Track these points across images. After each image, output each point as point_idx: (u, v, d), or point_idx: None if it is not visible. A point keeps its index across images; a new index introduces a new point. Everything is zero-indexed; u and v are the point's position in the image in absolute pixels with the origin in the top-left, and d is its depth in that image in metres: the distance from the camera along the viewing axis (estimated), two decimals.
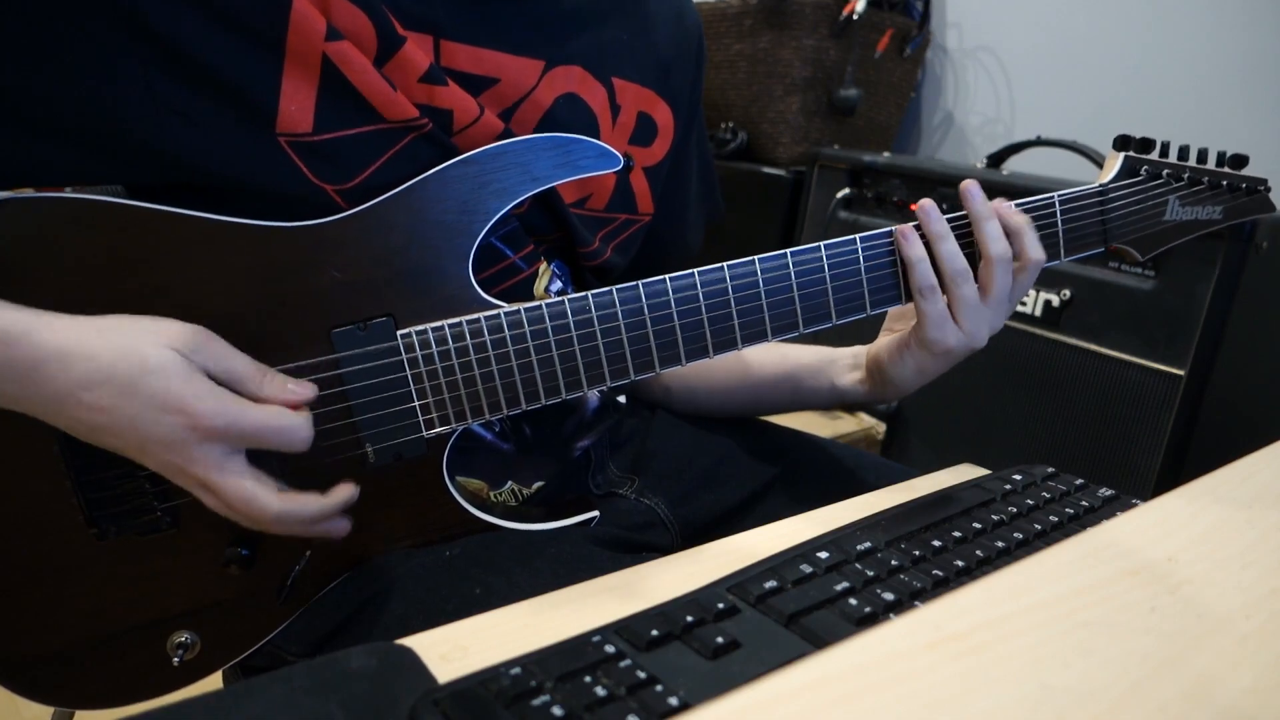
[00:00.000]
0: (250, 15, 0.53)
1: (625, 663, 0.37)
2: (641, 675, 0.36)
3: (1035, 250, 0.64)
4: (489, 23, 0.61)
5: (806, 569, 0.45)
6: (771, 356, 0.78)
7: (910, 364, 0.66)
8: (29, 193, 0.53)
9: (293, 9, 0.53)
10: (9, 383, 0.47)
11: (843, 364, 0.75)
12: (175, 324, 0.51)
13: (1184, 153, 0.71)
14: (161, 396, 0.48)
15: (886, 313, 0.70)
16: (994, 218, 0.63)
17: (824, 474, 0.76)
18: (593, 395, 0.76)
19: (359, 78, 0.56)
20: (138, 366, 0.48)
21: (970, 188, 0.63)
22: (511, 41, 0.62)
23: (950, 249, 0.63)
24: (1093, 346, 1.28)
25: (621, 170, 0.64)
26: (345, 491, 0.56)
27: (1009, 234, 0.64)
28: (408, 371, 0.57)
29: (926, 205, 0.63)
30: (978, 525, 0.52)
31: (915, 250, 0.62)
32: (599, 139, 0.61)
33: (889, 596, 0.44)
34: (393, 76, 0.57)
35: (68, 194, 0.53)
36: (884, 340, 0.70)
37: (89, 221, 0.53)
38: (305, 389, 0.54)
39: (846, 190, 1.61)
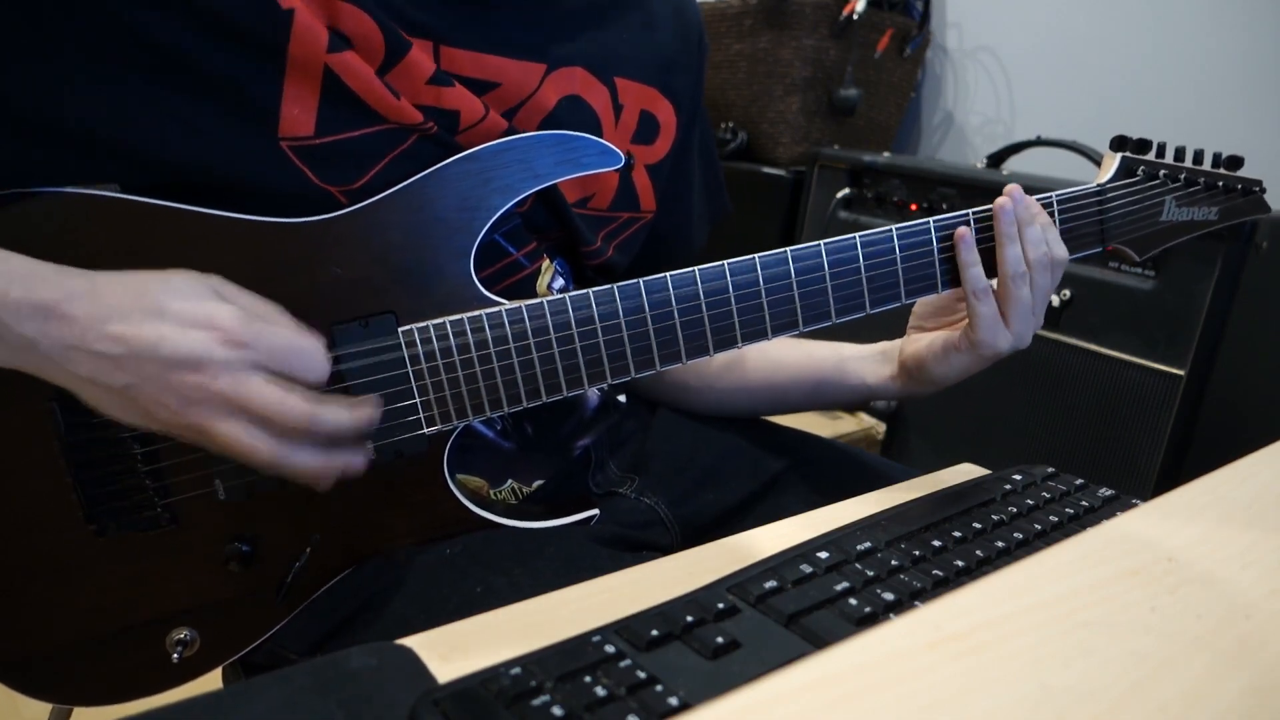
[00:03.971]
0: (251, 27, 0.53)
1: (625, 663, 0.37)
2: (641, 675, 0.36)
3: (1059, 249, 0.65)
4: (489, 27, 0.61)
5: (806, 569, 0.45)
6: (797, 354, 0.78)
7: (958, 365, 0.67)
8: (32, 189, 0.53)
9: (294, 22, 0.53)
10: (28, 320, 0.47)
11: (870, 360, 0.74)
12: (197, 272, 0.51)
13: (1180, 154, 0.72)
14: (191, 312, 0.48)
15: (909, 309, 0.70)
16: (1034, 222, 0.64)
17: (824, 474, 0.76)
18: (593, 394, 0.76)
19: (361, 86, 0.56)
20: (169, 289, 0.49)
21: (1015, 192, 0.64)
22: (512, 45, 0.62)
23: (1016, 253, 0.63)
24: (1093, 346, 1.28)
25: (622, 168, 0.64)
26: (369, 405, 0.54)
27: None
28: (409, 368, 0.57)
29: (1007, 206, 0.63)
30: (978, 525, 0.52)
31: (971, 255, 0.63)
32: (601, 139, 0.61)
33: (889, 596, 0.44)
34: (398, 82, 0.57)
35: (70, 190, 0.53)
36: (924, 340, 0.69)
37: (91, 217, 0.53)
38: (315, 335, 0.53)
39: (846, 190, 1.61)
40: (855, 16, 1.71)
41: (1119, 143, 0.71)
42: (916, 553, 0.48)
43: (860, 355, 0.75)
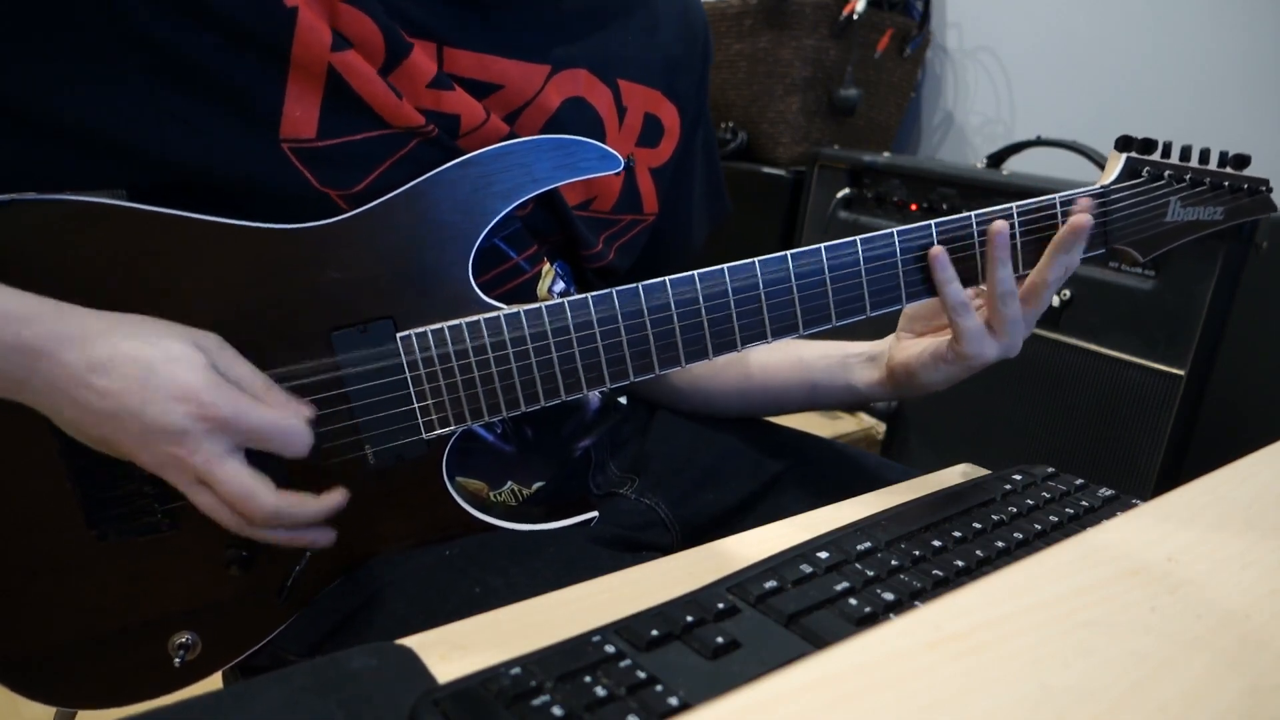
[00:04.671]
0: (254, 27, 0.53)
1: (625, 663, 0.37)
2: (641, 675, 0.36)
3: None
4: (492, 29, 0.61)
5: (806, 569, 0.45)
6: (787, 357, 0.78)
7: (946, 373, 0.67)
8: (31, 195, 0.53)
9: (298, 21, 0.53)
10: (16, 365, 0.48)
11: (859, 363, 0.74)
12: (191, 328, 0.53)
13: (1185, 154, 0.71)
14: (176, 384, 0.49)
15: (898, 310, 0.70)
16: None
17: (824, 474, 0.76)
18: (593, 396, 0.76)
19: (365, 87, 0.56)
20: (159, 354, 0.49)
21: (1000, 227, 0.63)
22: (515, 47, 0.62)
23: (1007, 273, 0.63)
24: (1093, 346, 1.28)
25: (625, 171, 0.64)
26: (338, 496, 0.56)
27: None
28: (407, 373, 0.57)
29: (1003, 229, 0.63)
30: (978, 525, 0.52)
31: (946, 272, 0.63)
32: (605, 142, 0.61)
33: (889, 596, 0.44)
34: (400, 83, 0.57)
35: (70, 196, 0.53)
36: (914, 349, 0.69)
37: (91, 223, 0.53)
38: (304, 407, 0.55)
39: (846, 190, 1.61)
40: (855, 16, 1.71)
41: (1124, 143, 0.70)
42: (916, 553, 0.48)
43: (850, 358, 0.75)
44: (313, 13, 0.54)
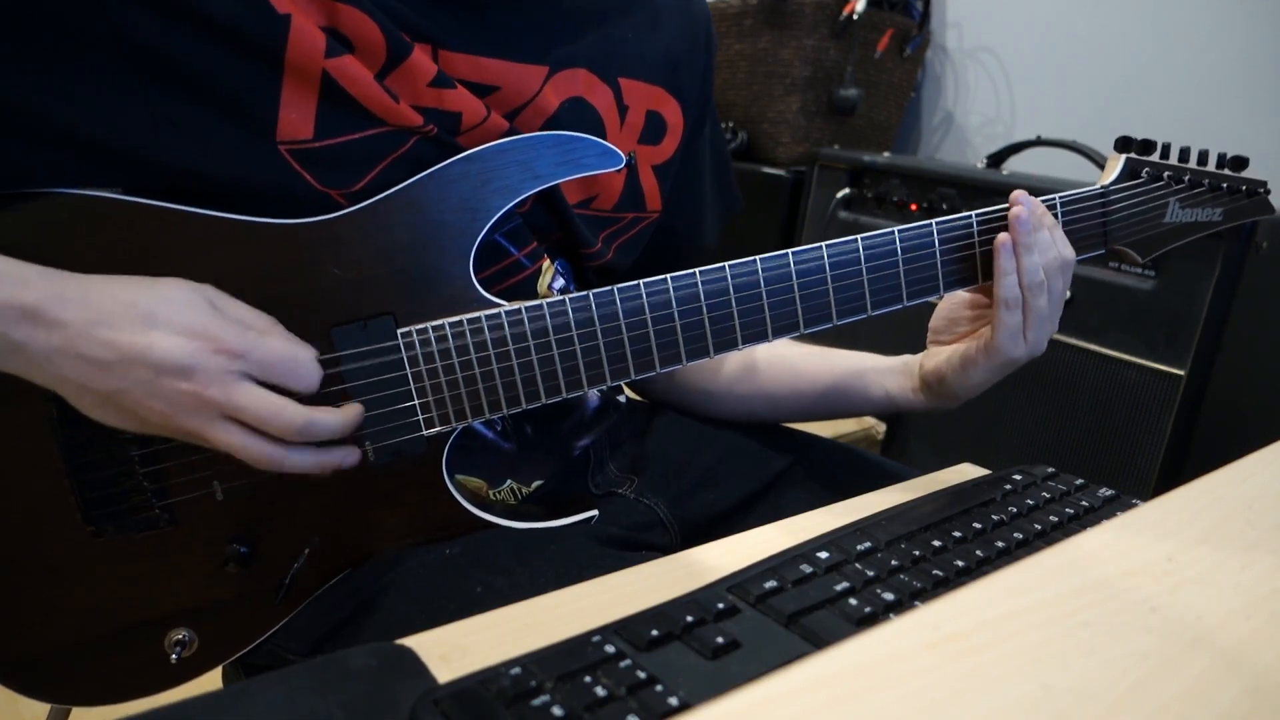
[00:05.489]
0: (248, 33, 0.53)
1: (625, 663, 0.37)
2: (641, 675, 0.36)
3: (1067, 249, 0.65)
4: (488, 31, 0.61)
5: (806, 569, 0.45)
6: (819, 362, 0.78)
7: (976, 377, 0.66)
8: (32, 190, 0.53)
9: (291, 28, 0.53)
10: (14, 326, 0.47)
11: (894, 373, 0.74)
12: (192, 281, 0.53)
13: (1185, 155, 0.71)
14: (183, 322, 0.49)
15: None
16: (1044, 227, 0.64)
17: (824, 474, 0.76)
18: (593, 395, 0.76)
19: (360, 91, 0.56)
20: (159, 298, 0.50)
21: (1024, 198, 0.63)
22: (512, 48, 0.62)
23: (1034, 262, 0.62)
24: (1093, 346, 1.28)
25: (628, 169, 0.64)
26: (356, 409, 0.56)
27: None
28: (408, 370, 0.57)
29: (1023, 215, 0.62)
30: (978, 525, 0.52)
31: (1009, 263, 0.62)
32: (605, 141, 0.61)
33: (889, 596, 0.44)
34: (400, 84, 0.57)
35: (70, 190, 0.53)
36: (943, 354, 0.69)
37: (91, 218, 0.53)
38: (309, 348, 0.55)
39: (846, 190, 1.61)
40: (855, 16, 1.71)
41: (1123, 144, 0.70)
42: (916, 553, 0.48)
43: (883, 367, 0.75)
44: (306, 18, 0.54)
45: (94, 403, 0.50)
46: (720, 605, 0.41)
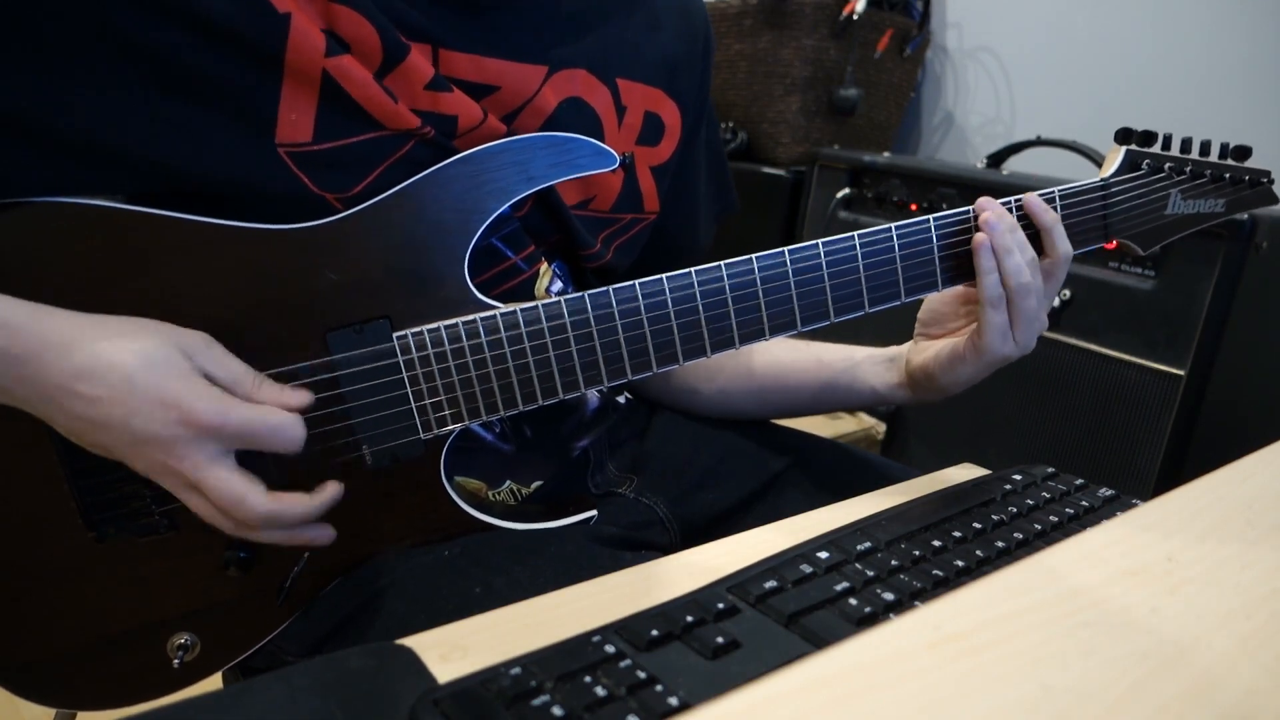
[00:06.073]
0: (248, 33, 0.53)
1: (625, 663, 0.37)
2: (641, 675, 0.36)
3: (1064, 244, 0.65)
4: (488, 30, 0.61)
5: (806, 569, 0.45)
6: (807, 358, 0.78)
7: (963, 374, 0.66)
8: (27, 198, 0.53)
9: (291, 27, 0.53)
10: (4, 373, 0.48)
11: (880, 366, 0.74)
12: (177, 327, 0.52)
13: (1186, 146, 0.71)
14: (158, 391, 0.49)
15: (910, 309, 0.70)
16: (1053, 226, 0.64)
17: (824, 474, 0.76)
18: (593, 395, 0.76)
19: (360, 92, 0.56)
20: (139, 360, 0.49)
21: (988, 203, 0.63)
22: (511, 48, 0.62)
23: (1017, 263, 0.62)
24: (1092, 346, 1.28)
25: (618, 169, 0.64)
26: (332, 490, 0.56)
27: (1039, 231, 0.64)
28: (404, 373, 0.57)
29: (993, 220, 0.62)
30: (978, 525, 0.52)
31: (989, 262, 0.62)
32: (603, 142, 0.61)
33: (889, 596, 0.44)
34: (397, 85, 0.57)
35: (66, 200, 0.53)
36: (930, 350, 0.69)
37: (84, 225, 0.53)
38: (299, 395, 0.55)
39: (846, 190, 1.61)
40: (855, 16, 1.71)
41: (1124, 136, 0.70)
42: (916, 553, 0.48)
43: (869, 360, 0.75)
44: (306, 18, 0.54)
45: (85, 444, 0.51)
46: (720, 605, 0.41)
